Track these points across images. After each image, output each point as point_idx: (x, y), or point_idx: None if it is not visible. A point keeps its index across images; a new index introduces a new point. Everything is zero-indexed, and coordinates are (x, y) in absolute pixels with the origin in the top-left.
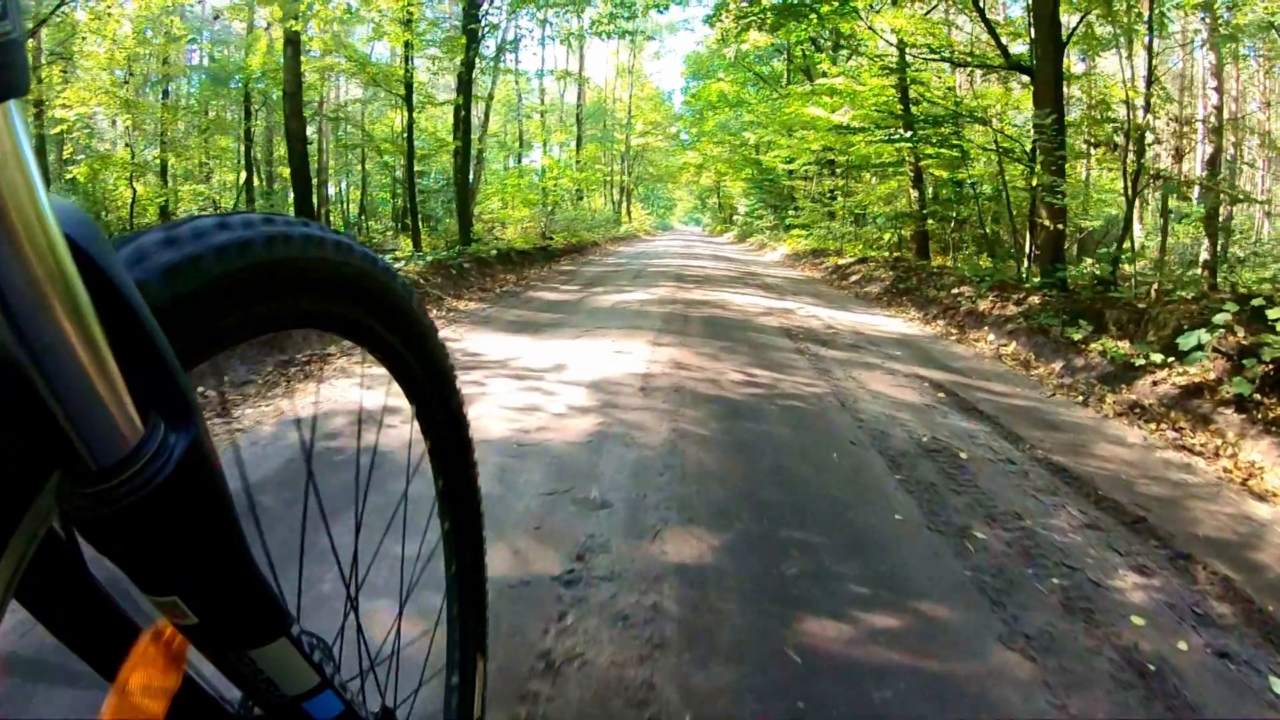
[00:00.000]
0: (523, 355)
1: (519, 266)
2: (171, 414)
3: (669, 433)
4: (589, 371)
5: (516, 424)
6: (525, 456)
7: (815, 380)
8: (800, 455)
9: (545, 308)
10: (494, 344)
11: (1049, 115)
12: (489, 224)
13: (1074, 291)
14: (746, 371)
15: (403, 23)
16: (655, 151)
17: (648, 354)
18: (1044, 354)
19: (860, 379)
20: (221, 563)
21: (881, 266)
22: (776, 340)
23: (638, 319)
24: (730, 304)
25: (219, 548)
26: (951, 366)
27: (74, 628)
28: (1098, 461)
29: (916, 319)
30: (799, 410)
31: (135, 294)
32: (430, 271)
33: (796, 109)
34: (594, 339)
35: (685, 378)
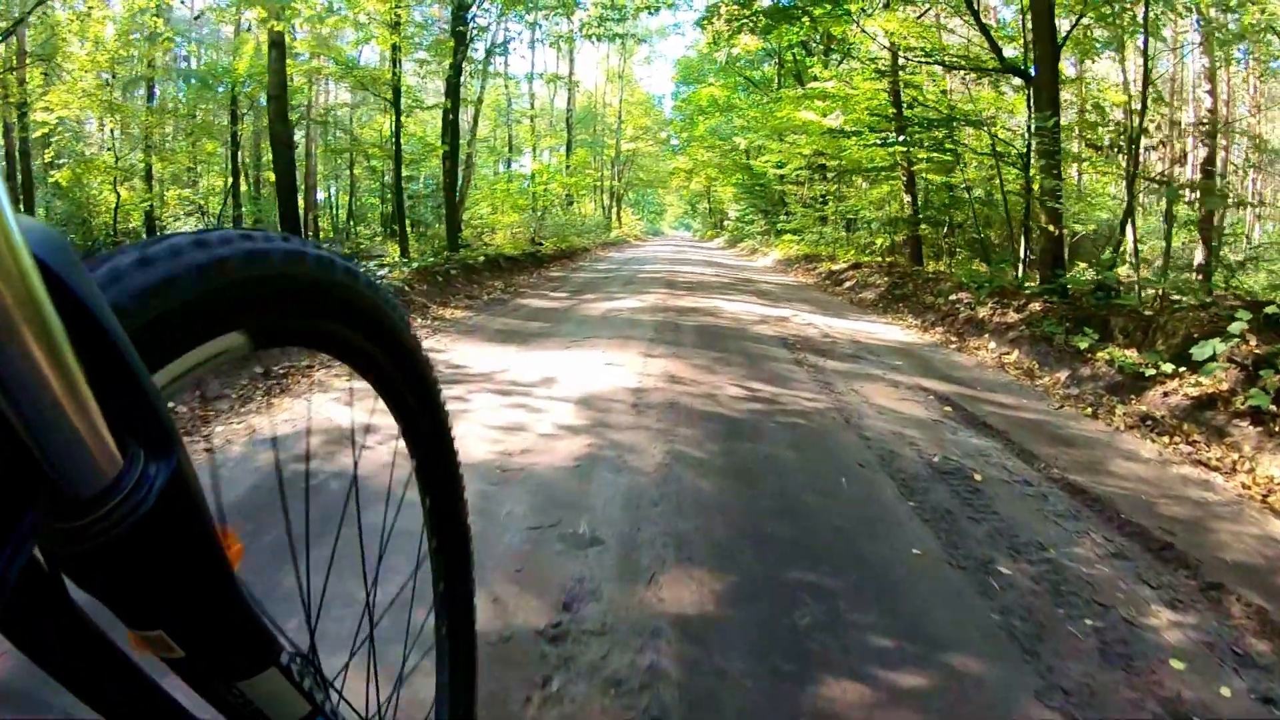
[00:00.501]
0: (509, 367)
1: (507, 273)
2: (151, 443)
3: (664, 455)
4: (578, 386)
5: (500, 445)
6: (508, 483)
7: (817, 394)
8: (806, 481)
9: (533, 316)
10: (479, 355)
11: (1049, 118)
12: (478, 229)
13: (1075, 298)
14: (744, 385)
15: (390, 25)
16: (646, 156)
17: (640, 366)
18: (1048, 363)
19: (863, 392)
20: (206, 594)
21: (876, 272)
22: (773, 350)
23: (629, 328)
24: (724, 312)
25: (203, 579)
26: (955, 377)
27: (60, 659)
28: (1115, 480)
29: (914, 326)
30: (802, 428)
31: (110, 318)
32: (416, 279)
33: (789, 113)
34: (584, 350)
35: (680, 392)
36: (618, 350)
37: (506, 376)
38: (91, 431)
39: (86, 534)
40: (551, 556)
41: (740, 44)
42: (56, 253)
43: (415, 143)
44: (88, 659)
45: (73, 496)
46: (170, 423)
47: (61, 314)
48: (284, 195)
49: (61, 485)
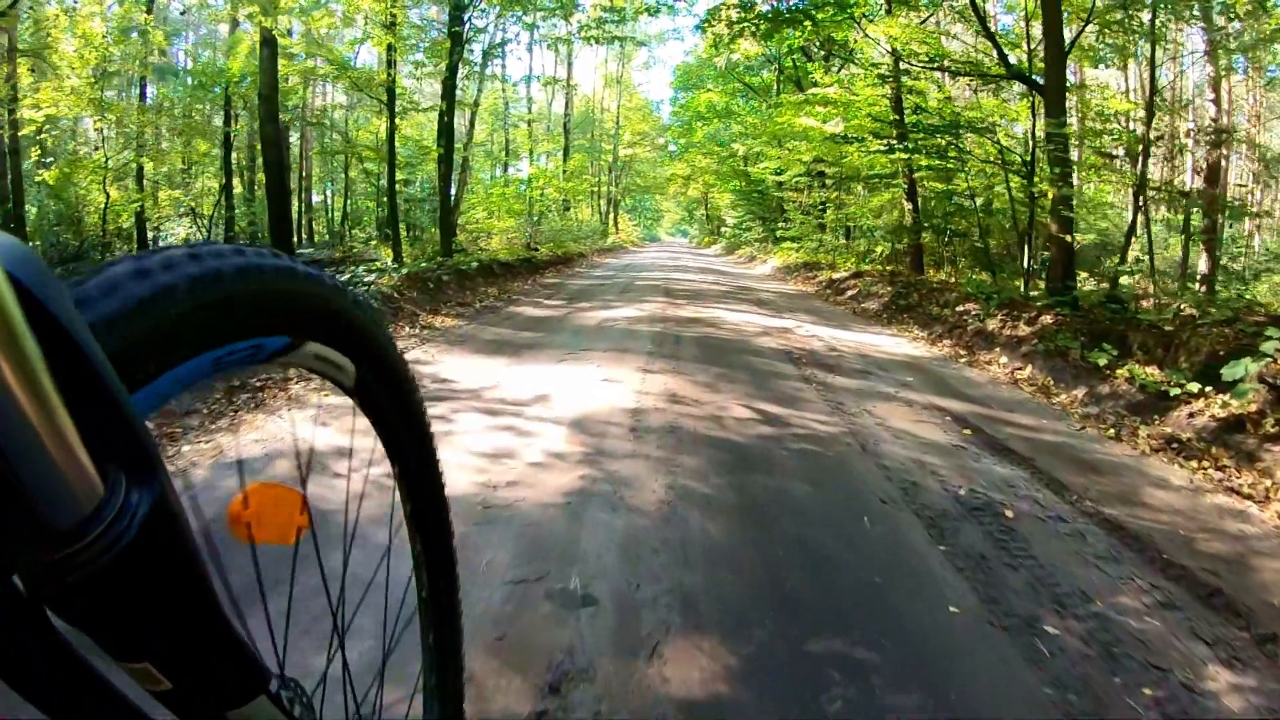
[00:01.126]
0: (498, 383)
1: (501, 279)
2: (132, 469)
3: (665, 491)
4: (571, 405)
5: (484, 476)
6: (491, 524)
7: (828, 416)
8: (825, 521)
9: (527, 325)
10: (468, 368)
11: (1060, 124)
12: (473, 234)
13: (1086, 311)
14: (751, 405)
15: (385, 26)
16: (643, 162)
17: (638, 382)
18: (1064, 379)
19: (877, 413)
20: (193, 624)
21: (878, 281)
22: (778, 365)
23: (626, 339)
24: (724, 322)
25: (190, 609)
26: (969, 395)
27: (45, 690)
28: (1150, 513)
29: (921, 339)
30: (816, 457)
31: (89, 339)
32: (406, 285)
33: (789, 119)
34: (578, 364)
35: (681, 414)
36: (614, 364)
37: (495, 393)
38: (70, 459)
39: (67, 567)
40: (537, 620)
41: (740, 49)
42: (31, 270)
43: (410, 146)
44: (74, 690)
45: (51, 528)
46: (153, 447)
47: (36, 334)
48: (274, 197)
49: (39, 517)
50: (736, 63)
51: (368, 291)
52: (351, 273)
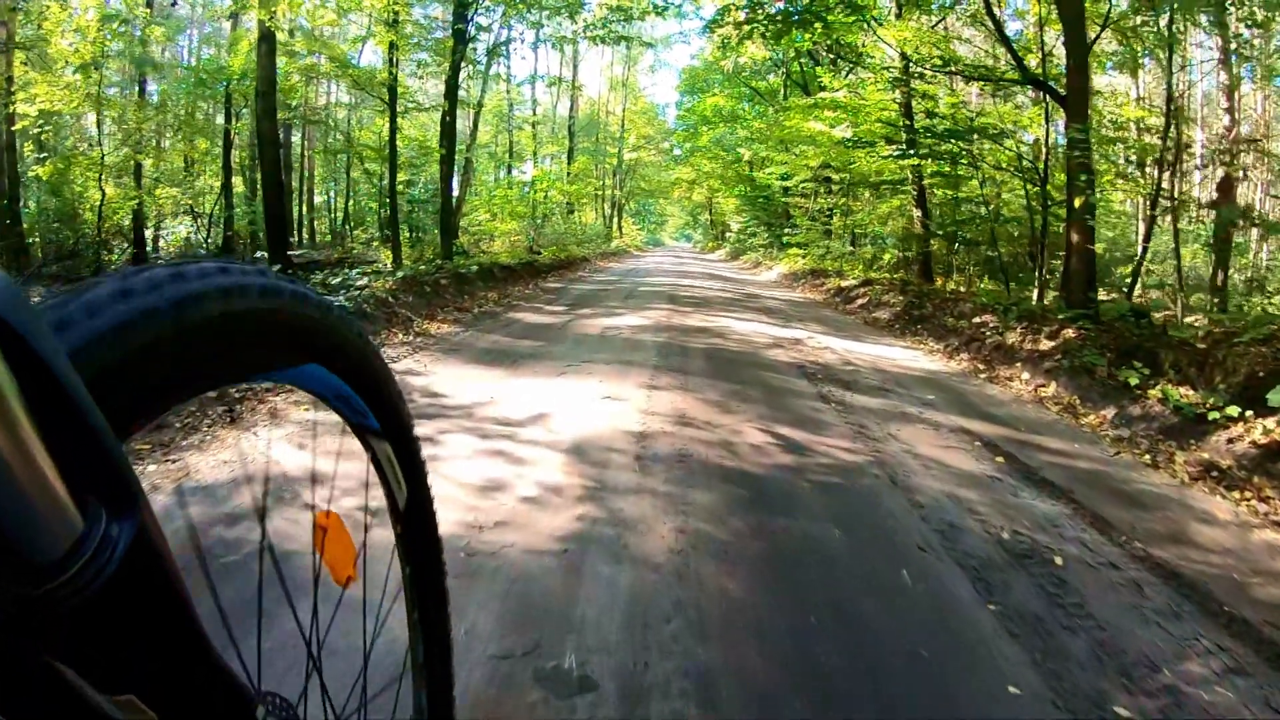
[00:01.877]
0: (493, 398)
1: (502, 283)
2: (112, 501)
3: (675, 537)
4: (570, 427)
5: (470, 515)
6: (475, 576)
7: (851, 443)
8: (859, 576)
9: (526, 333)
10: (462, 381)
11: (1083, 129)
12: (476, 236)
13: (1109, 325)
14: (767, 429)
15: (388, 23)
16: (648, 166)
17: (643, 401)
18: (1091, 398)
19: (902, 438)
20: (178, 655)
21: (889, 290)
22: (792, 381)
23: (630, 350)
24: (732, 332)
25: (173, 640)
26: (994, 415)
27: (37, 716)
28: (1200, 554)
29: (938, 352)
30: (842, 492)
31: (65, 365)
32: (401, 289)
33: (797, 123)
34: (579, 378)
35: (691, 439)
36: (617, 379)
37: (489, 411)
38: (47, 494)
39: (47, 603)
40: (524, 711)
41: (747, 52)
42: (3, 296)
43: (413, 146)
44: (67, 714)
45: (29, 565)
46: (132, 477)
47: (10, 363)
48: (270, 196)
49: (16, 554)
50: (743, 66)
51: (359, 296)
52: (344, 276)
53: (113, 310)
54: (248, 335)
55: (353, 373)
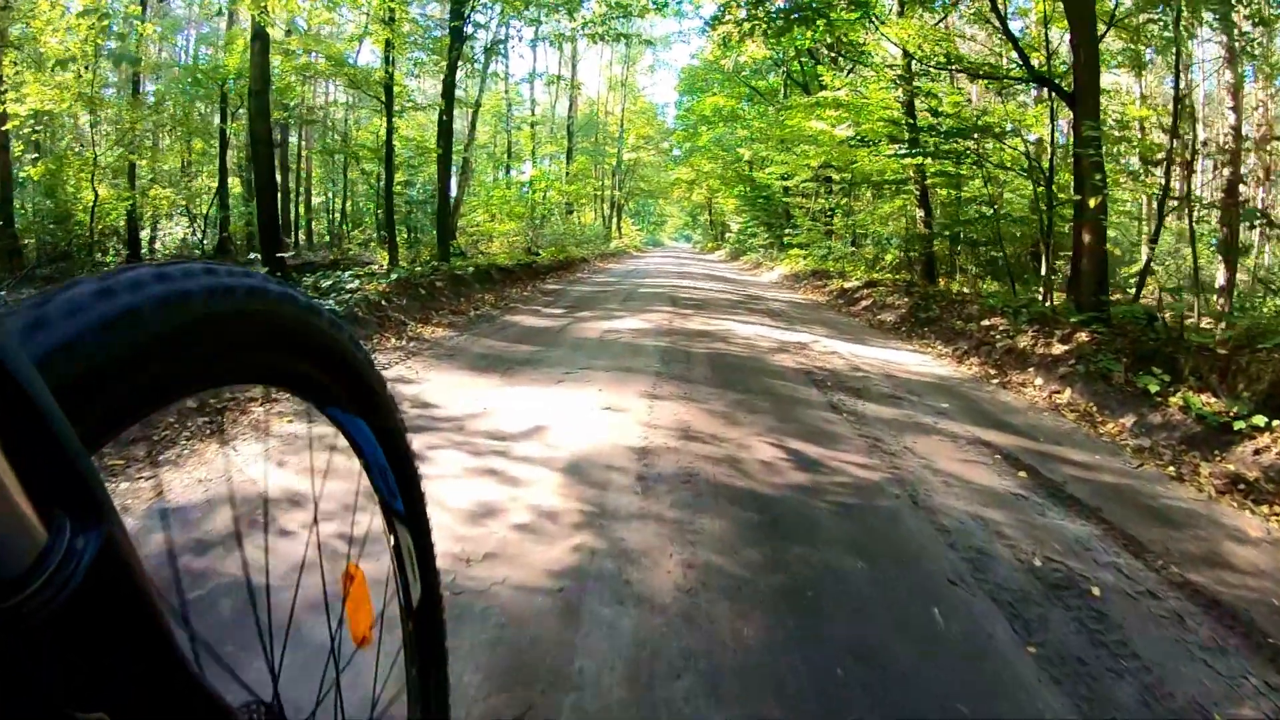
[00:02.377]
0: (486, 409)
1: (499, 285)
2: (78, 513)
3: (683, 572)
4: (568, 442)
5: (458, 545)
6: (461, 619)
7: (867, 458)
8: (887, 616)
9: (523, 337)
10: (454, 390)
11: (1096, 127)
12: (474, 237)
13: (1121, 328)
14: (777, 443)
15: (384, 21)
16: (647, 166)
17: (644, 412)
18: (1109, 406)
19: (919, 451)
20: (150, 670)
21: (894, 292)
22: (800, 389)
23: (630, 356)
24: (736, 336)
25: (146, 655)
26: (1011, 425)
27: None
28: (1237, 578)
29: (946, 356)
30: (862, 515)
31: (27, 370)
32: (395, 291)
33: (799, 121)
34: (577, 387)
35: (697, 456)
36: (617, 388)
37: (481, 424)
38: (7, 505)
39: (9, 619)
40: None
41: (747, 51)
42: None
43: (410, 146)
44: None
45: None
46: (99, 487)
47: None
48: (264, 197)
49: None
50: (743, 65)
51: (350, 300)
52: (335, 278)
53: (94, 310)
54: (232, 339)
55: (384, 435)
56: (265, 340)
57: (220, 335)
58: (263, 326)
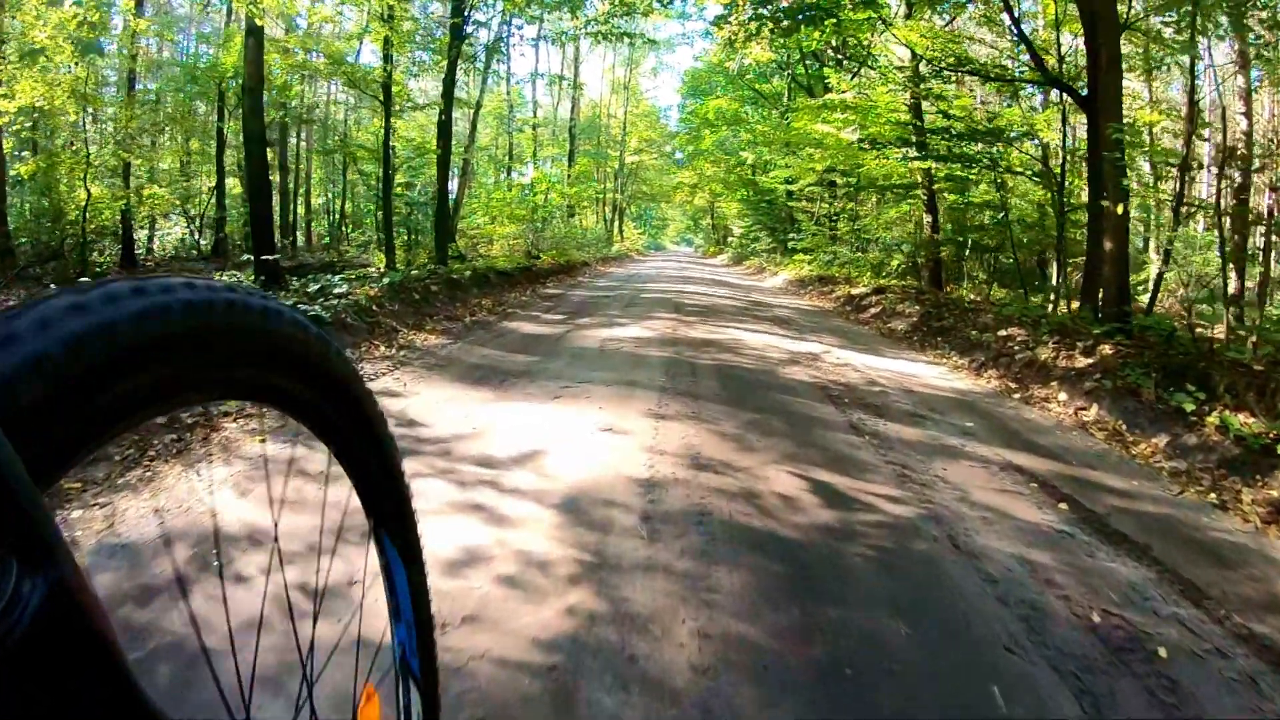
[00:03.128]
0: (476, 429)
1: (498, 289)
2: (25, 554)
3: (698, 645)
4: (564, 470)
5: (434, 602)
6: None
7: (897, 488)
8: (941, 700)
9: (520, 345)
10: (443, 406)
11: (1119, 130)
12: (474, 240)
13: (1145, 339)
14: (798, 473)
15: (383, 18)
16: (649, 170)
17: (649, 434)
18: (1139, 424)
19: (951, 479)
20: (109, 715)
21: (904, 299)
22: (817, 406)
23: (633, 368)
24: (744, 345)
25: (103, 702)
26: (1041, 446)
27: None
28: None
29: (963, 368)
30: (899, 563)
31: None
32: (388, 296)
33: (805, 124)
34: (575, 403)
35: (709, 489)
36: (618, 405)
37: (470, 447)
38: None
39: None
40: None
41: (752, 53)
42: None
43: (409, 148)
44: None
45: None
46: (49, 526)
47: None
48: (257, 197)
49: None
50: (747, 68)
51: (339, 305)
52: (325, 281)
53: (62, 328)
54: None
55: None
56: (245, 357)
57: (197, 351)
58: (243, 342)
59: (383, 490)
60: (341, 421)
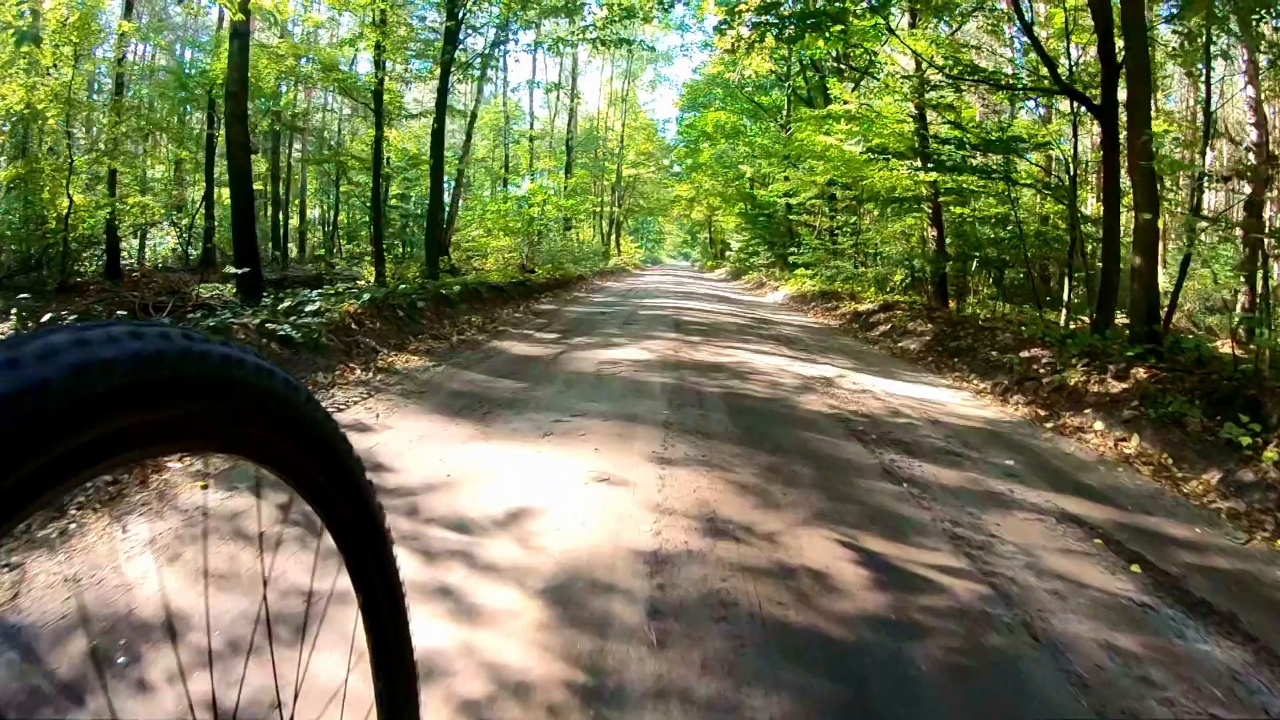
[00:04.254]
0: (451, 477)
1: (489, 305)
2: None
3: None
4: (553, 538)
5: None
6: None
7: (953, 556)
8: None
9: (509, 369)
10: (416, 445)
11: (1149, 138)
12: (468, 253)
13: (1178, 361)
14: (835, 537)
15: (374, 24)
16: (646, 183)
17: (653, 485)
18: (1186, 457)
19: (1008, 538)
20: None
21: (914, 316)
22: (841, 445)
23: (633, 398)
24: (752, 369)
25: None
26: (1090, 488)
27: None
28: None
29: (986, 393)
30: (973, 665)
31: None
32: (367, 314)
33: (808, 135)
34: (568, 443)
35: (731, 566)
36: (617, 446)
37: (441, 502)
38: None
39: None
40: None
41: (753, 64)
42: None
43: (402, 158)
44: None
45: None
46: None
47: None
48: (239, 205)
49: None
50: (747, 80)
51: (312, 325)
52: (302, 297)
53: None
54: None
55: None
56: (198, 406)
57: (144, 405)
58: (197, 392)
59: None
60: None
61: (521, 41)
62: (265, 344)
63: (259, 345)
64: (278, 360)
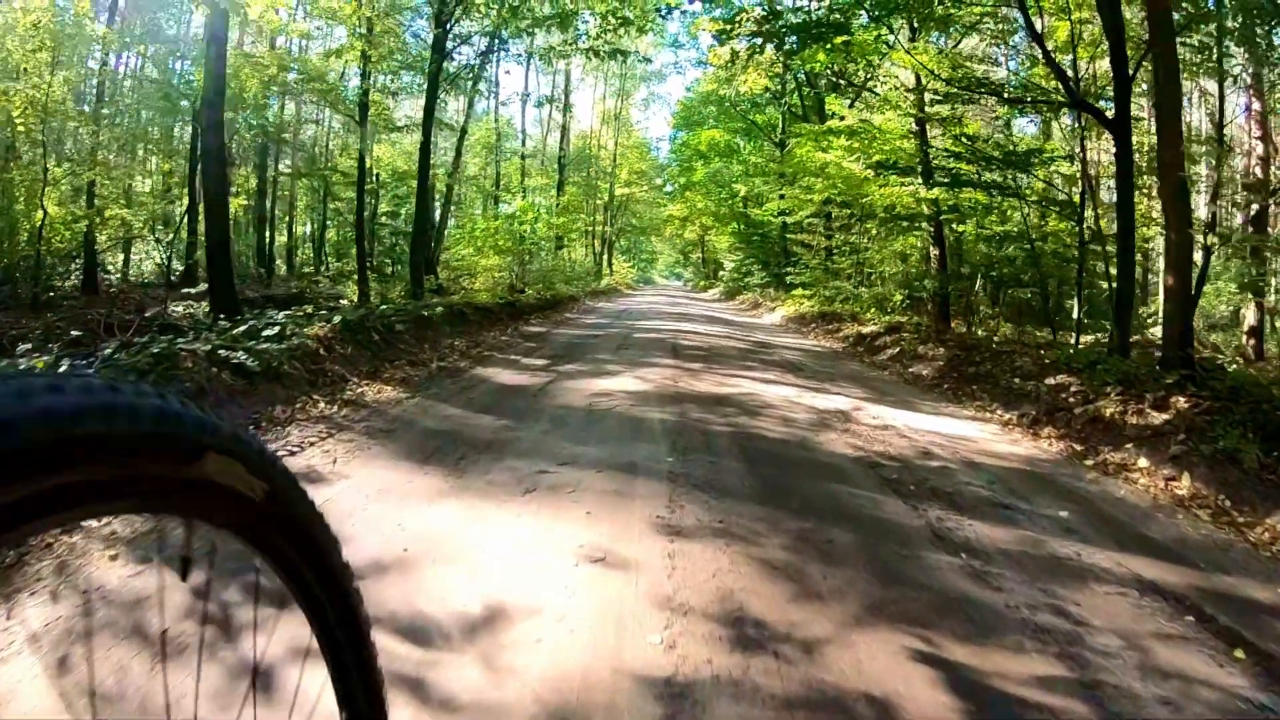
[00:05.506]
0: (408, 552)
1: (475, 327)
2: None
3: None
4: (527, 658)
5: None
6: None
7: (1041, 659)
8: None
9: (490, 402)
10: (372, 502)
11: (1179, 152)
12: (456, 272)
13: (1216, 388)
14: (896, 642)
15: (360, 34)
16: (639, 203)
17: (661, 570)
18: (1247, 500)
19: (1095, 623)
20: None
21: (923, 340)
22: (879, 500)
23: (629, 440)
24: (762, 402)
25: None
26: (1155, 542)
27: None
28: None
29: (1013, 424)
30: None
31: None
32: (339, 337)
33: (807, 151)
34: (553, 504)
35: (774, 701)
36: (613, 510)
37: (392, 593)
38: None
39: None
40: None
41: (749, 79)
42: None
43: (388, 171)
44: None
45: None
46: None
47: None
48: (214, 222)
49: None
50: (741, 98)
51: (274, 350)
52: (266, 319)
53: None
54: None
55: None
56: (121, 466)
57: (53, 468)
58: (121, 450)
59: None
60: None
61: (513, 51)
62: (216, 374)
63: (209, 375)
64: (230, 393)
